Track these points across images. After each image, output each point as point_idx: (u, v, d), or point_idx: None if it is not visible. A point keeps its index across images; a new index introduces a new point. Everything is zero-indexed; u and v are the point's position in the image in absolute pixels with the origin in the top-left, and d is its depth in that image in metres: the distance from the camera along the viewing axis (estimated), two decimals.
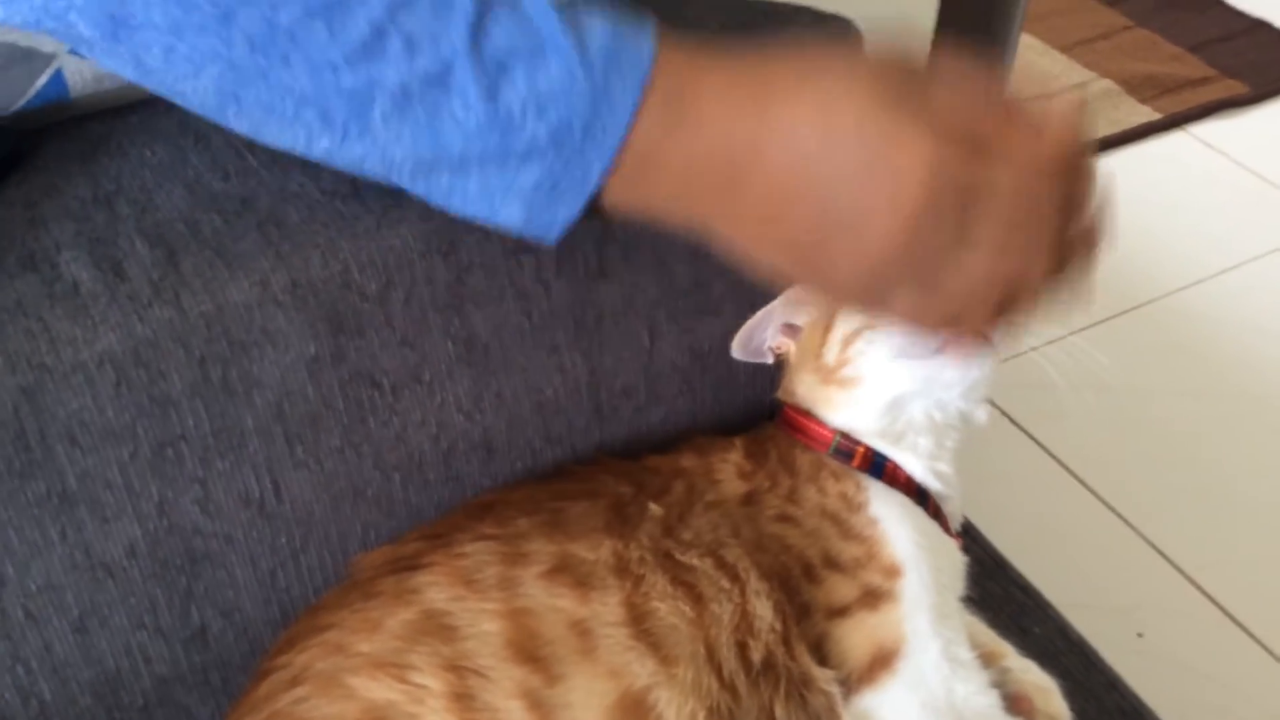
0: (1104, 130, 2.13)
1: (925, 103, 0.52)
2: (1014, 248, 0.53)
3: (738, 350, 0.74)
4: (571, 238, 0.59)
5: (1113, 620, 1.31)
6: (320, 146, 0.54)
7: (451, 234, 0.65)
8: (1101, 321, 1.71)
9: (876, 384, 0.71)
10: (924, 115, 0.51)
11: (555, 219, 0.56)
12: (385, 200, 0.64)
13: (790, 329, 0.75)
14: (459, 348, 0.68)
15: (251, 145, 0.67)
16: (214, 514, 0.65)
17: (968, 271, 0.53)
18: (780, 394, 0.77)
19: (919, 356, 0.69)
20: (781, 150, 0.53)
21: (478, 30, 0.52)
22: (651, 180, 0.55)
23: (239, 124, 0.54)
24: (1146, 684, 1.18)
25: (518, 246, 0.68)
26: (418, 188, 0.56)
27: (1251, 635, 1.31)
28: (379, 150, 0.54)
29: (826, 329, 0.72)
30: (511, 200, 0.55)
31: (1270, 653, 1.29)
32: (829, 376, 0.72)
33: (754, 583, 0.64)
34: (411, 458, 0.69)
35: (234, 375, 0.62)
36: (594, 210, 0.57)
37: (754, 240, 0.56)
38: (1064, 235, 0.55)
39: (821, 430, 0.73)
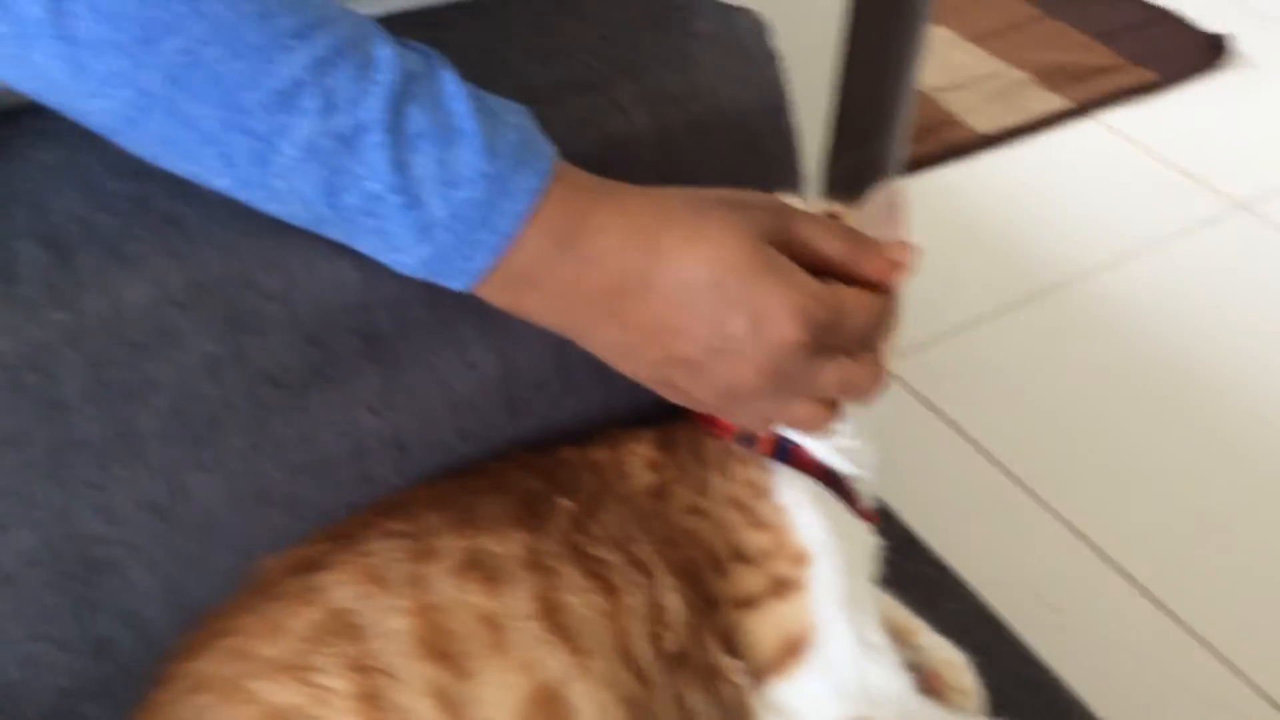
0: (1016, 119, 2.17)
1: (794, 254, 0.61)
2: (851, 379, 0.63)
3: None
4: None
5: (1027, 596, 1.33)
6: (217, 185, 0.55)
7: None
8: (1014, 305, 1.74)
9: None
10: (795, 272, 0.60)
11: (444, 284, 0.59)
12: None
13: None
14: (364, 344, 0.67)
15: None
16: (114, 520, 0.63)
17: (807, 399, 0.63)
18: None
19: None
20: (672, 285, 0.59)
21: (396, 103, 0.54)
22: (531, 291, 0.60)
23: (135, 148, 0.55)
24: (1061, 657, 1.20)
25: None
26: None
27: (1163, 607, 1.34)
28: (274, 199, 0.55)
29: None
30: (399, 266, 0.59)
31: (1181, 623, 1.32)
32: None
33: (663, 576, 0.64)
34: (319, 458, 0.67)
35: (132, 378, 0.61)
36: None
37: (622, 359, 0.63)
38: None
39: (725, 420, 0.73)
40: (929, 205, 1.92)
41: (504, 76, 0.74)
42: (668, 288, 0.59)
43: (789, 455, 0.72)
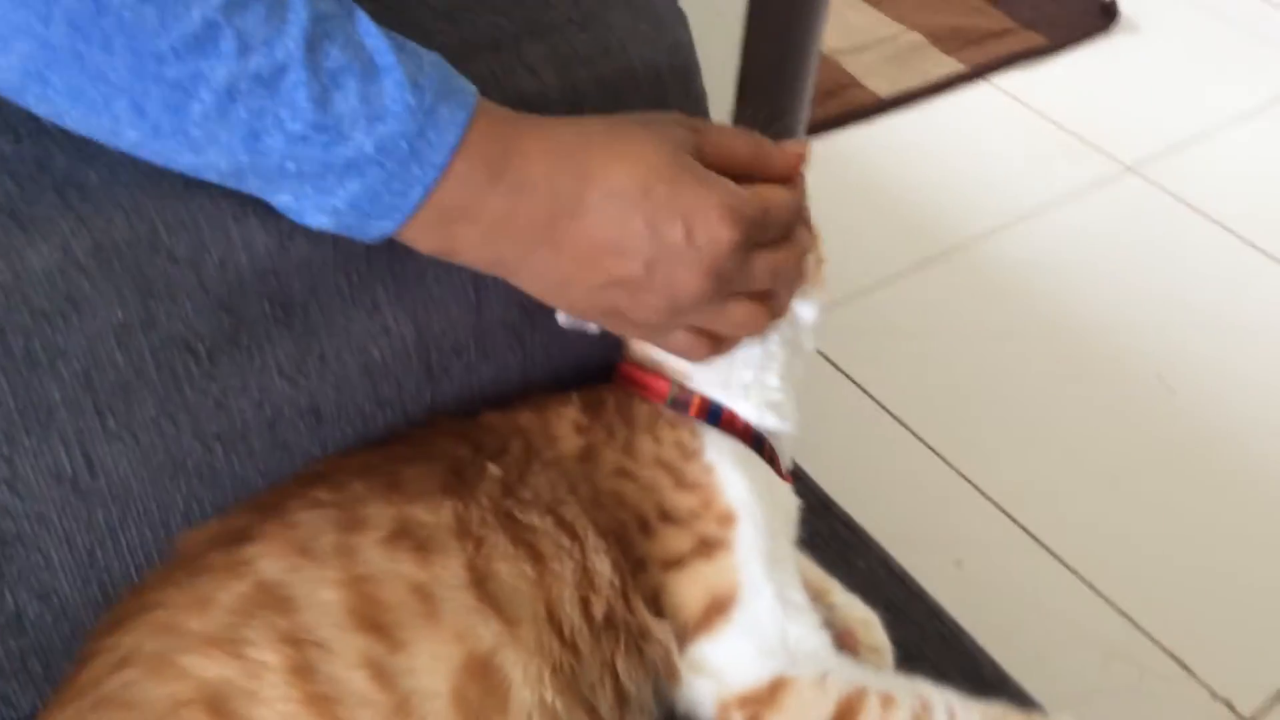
0: (914, 82, 2.20)
1: (708, 163, 0.63)
2: (779, 268, 0.66)
3: (563, 318, 0.73)
4: None
5: (932, 552, 1.36)
6: (127, 139, 0.53)
7: None
8: (914, 267, 1.78)
9: None
10: (717, 176, 0.62)
11: (368, 232, 0.59)
12: None
13: None
14: (276, 309, 0.66)
15: None
16: (23, 493, 0.61)
17: (744, 299, 0.65)
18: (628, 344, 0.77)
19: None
20: (604, 204, 0.60)
21: (312, 40, 0.53)
22: (464, 228, 0.59)
23: (39, 106, 0.52)
24: (965, 611, 1.24)
25: None
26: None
27: (1062, 561, 1.39)
28: (189, 149, 0.54)
29: None
30: (321, 214, 0.57)
31: (1080, 577, 1.37)
32: None
33: (592, 539, 0.64)
34: (234, 427, 0.66)
35: (37, 346, 0.59)
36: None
37: (560, 290, 0.64)
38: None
39: (658, 382, 0.73)
40: (830, 168, 1.95)
41: (410, 34, 0.73)
42: (601, 205, 0.60)
43: (719, 418, 0.73)
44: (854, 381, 1.59)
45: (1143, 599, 1.35)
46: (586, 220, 0.60)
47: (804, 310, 0.74)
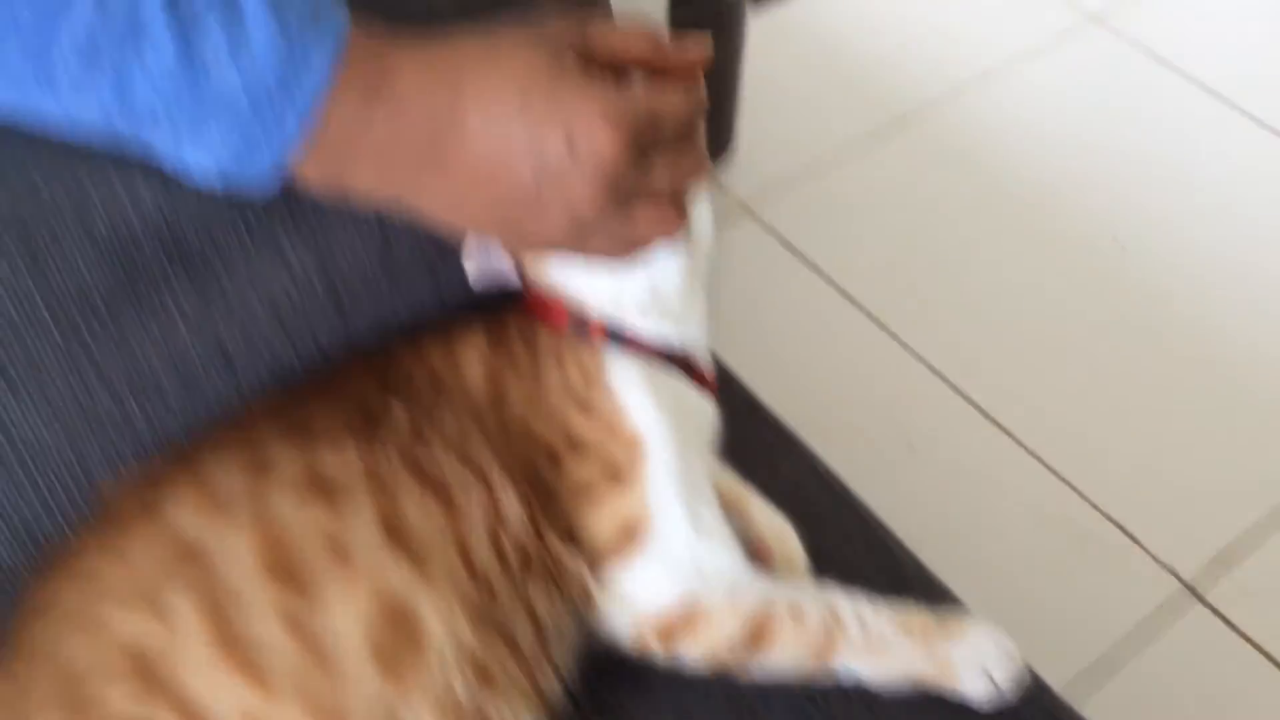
0: None
1: (594, 62, 0.61)
2: (681, 168, 0.64)
3: (473, 273, 0.72)
4: None
5: (885, 434, 1.38)
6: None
7: None
8: (867, 138, 1.75)
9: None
10: (600, 80, 0.60)
11: (250, 176, 0.57)
12: None
13: None
14: (170, 253, 0.65)
15: None
16: None
17: (650, 203, 0.63)
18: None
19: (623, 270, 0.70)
20: (482, 118, 0.58)
21: None
22: (351, 158, 0.58)
23: None
24: (918, 491, 1.27)
25: None
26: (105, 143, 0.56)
27: (1011, 436, 1.40)
28: (53, 99, 0.53)
29: None
30: (199, 156, 0.56)
31: (1034, 455, 1.39)
32: None
33: (498, 475, 0.65)
34: (144, 377, 0.66)
35: None
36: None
37: (457, 211, 0.62)
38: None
39: (558, 307, 0.72)
40: (778, 34, 1.90)
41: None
42: (478, 122, 0.59)
43: (622, 339, 0.72)
44: (805, 259, 1.58)
45: (1089, 468, 1.37)
46: (466, 136, 0.59)
47: (697, 207, 0.72)
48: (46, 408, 0.64)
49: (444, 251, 0.75)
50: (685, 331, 0.75)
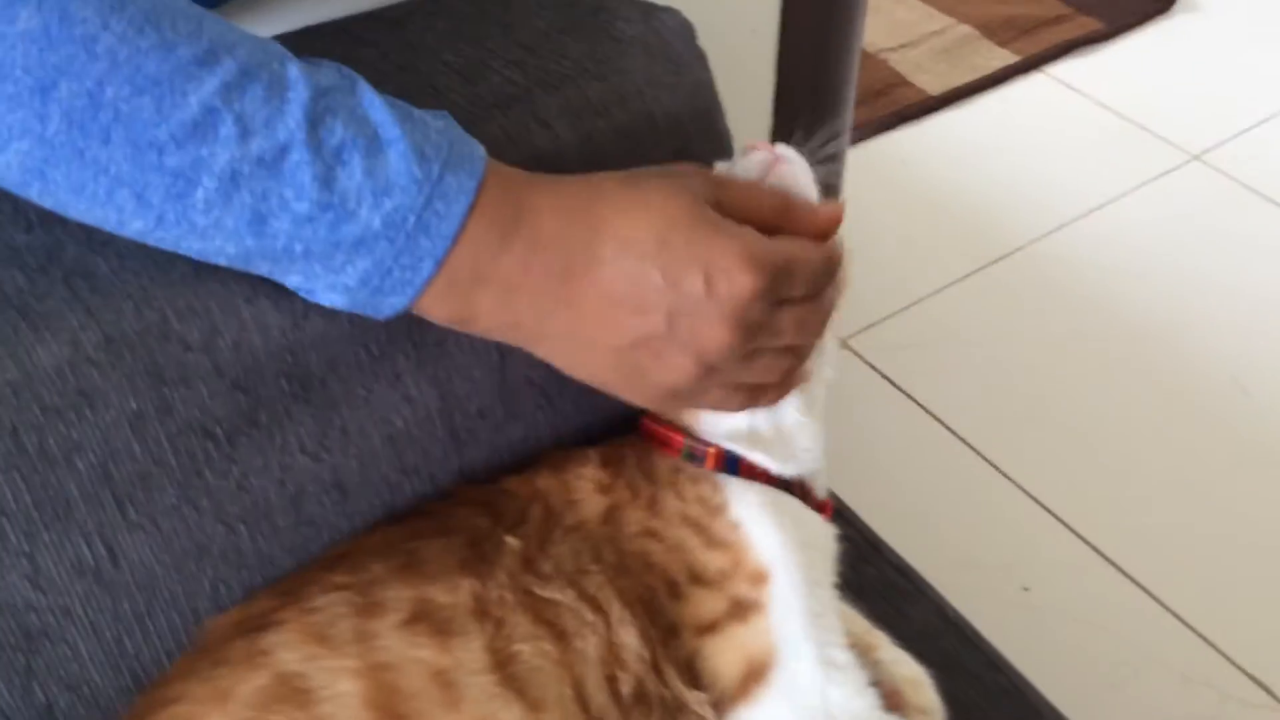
0: (965, 77, 2.15)
1: (734, 215, 0.60)
2: (808, 325, 0.63)
3: None
4: None
5: (998, 577, 1.33)
6: (133, 228, 0.53)
7: None
8: (971, 273, 1.73)
9: None
10: (737, 225, 0.59)
11: (382, 308, 0.57)
12: None
13: None
14: (295, 386, 0.65)
15: None
16: (46, 587, 0.61)
17: (773, 354, 0.62)
18: None
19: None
20: (618, 256, 0.58)
21: (313, 118, 0.52)
22: (478, 294, 0.58)
23: (44, 200, 0.52)
24: (1033, 639, 1.20)
25: None
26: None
27: (1134, 581, 1.34)
28: (195, 236, 0.53)
29: None
30: (333, 293, 0.57)
31: (1154, 597, 1.32)
32: None
33: (617, 610, 0.63)
34: (257, 507, 0.65)
35: (51, 442, 0.58)
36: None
37: (579, 354, 0.61)
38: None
39: (672, 435, 0.71)
40: (880, 172, 1.91)
41: (423, 94, 0.72)
42: (616, 258, 0.58)
43: (738, 468, 0.70)
44: (910, 396, 1.55)
45: (1221, 619, 1.30)
46: (602, 274, 0.58)
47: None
48: (158, 537, 0.63)
49: (561, 380, 0.74)
50: (803, 463, 0.73)
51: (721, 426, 0.70)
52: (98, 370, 0.59)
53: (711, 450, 0.70)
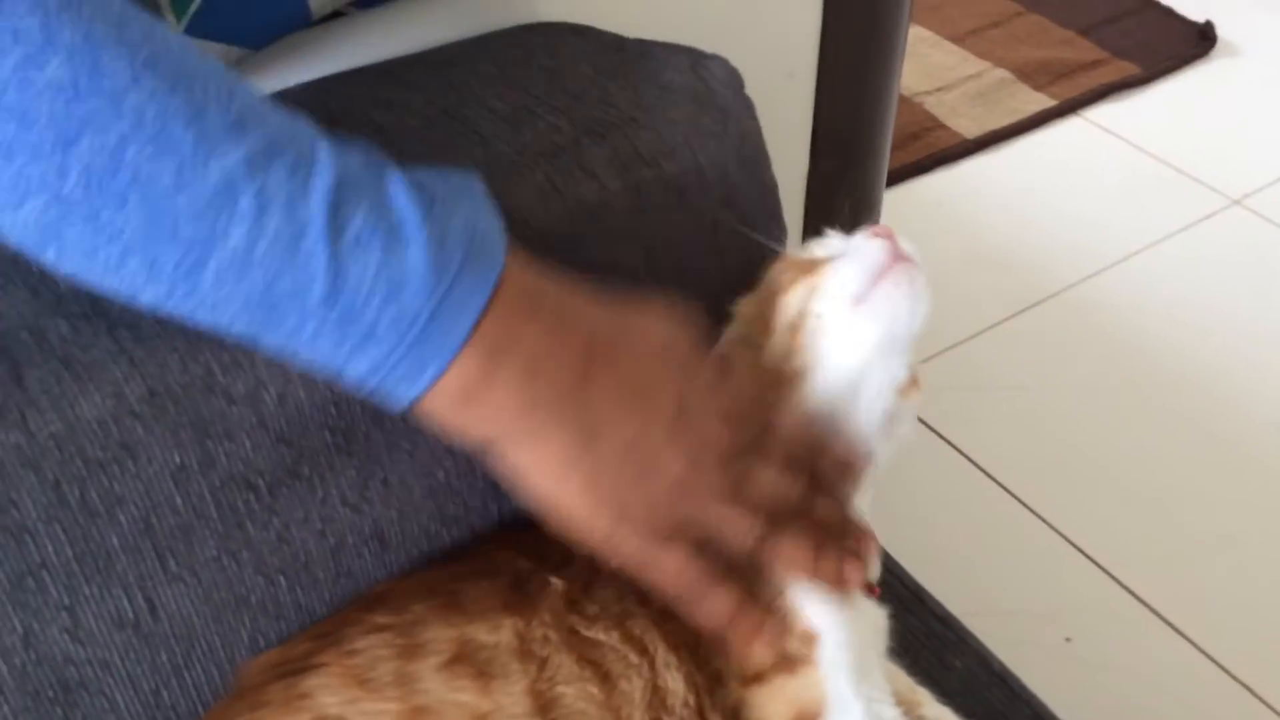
0: (1001, 121, 2.14)
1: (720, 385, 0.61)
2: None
3: None
4: None
5: (1040, 626, 1.31)
6: (145, 298, 0.50)
7: None
8: (1010, 317, 1.72)
9: (835, 357, 0.65)
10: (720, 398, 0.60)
11: (391, 401, 0.54)
12: None
13: None
14: (338, 438, 0.64)
15: None
16: (85, 640, 0.60)
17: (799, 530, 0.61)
18: None
19: (867, 288, 0.65)
20: (636, 338, 0.59)
21: (337, 201, 0.50)
22: (472, 408, 0.55)
23: (60, 265, 0.49)
24: (1076, 689, 1.18)
25: None
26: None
27: (1179, 631, 1.32)
28: (204, 310, 0.51)
29: (764, 329, 0.67)
30: (340, 375, 0.54)
31: (1198, 648, 1.30)
32: (773, 377, 0.67)
33: (663, 654, 0.62)
34: (296, 558, 0.65)
35: (93, 495, 0.58)
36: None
37: (561, 469, 0.57)
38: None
39: None
40: (917, 216, 1.90)
41: (467, 142, 0.72)
42: (634, 340, 0.59)
43: None
44: (949, 443, 1.53)
45: (1270, 674, 1.27)
46: (621, 355, 0.58)
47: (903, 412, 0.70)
48: (199, 591, 0.63)
49: None
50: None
51: None
52: (141, 423, 0.58)
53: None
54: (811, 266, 0.67)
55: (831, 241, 0.70)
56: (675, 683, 0.61)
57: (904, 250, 0.67)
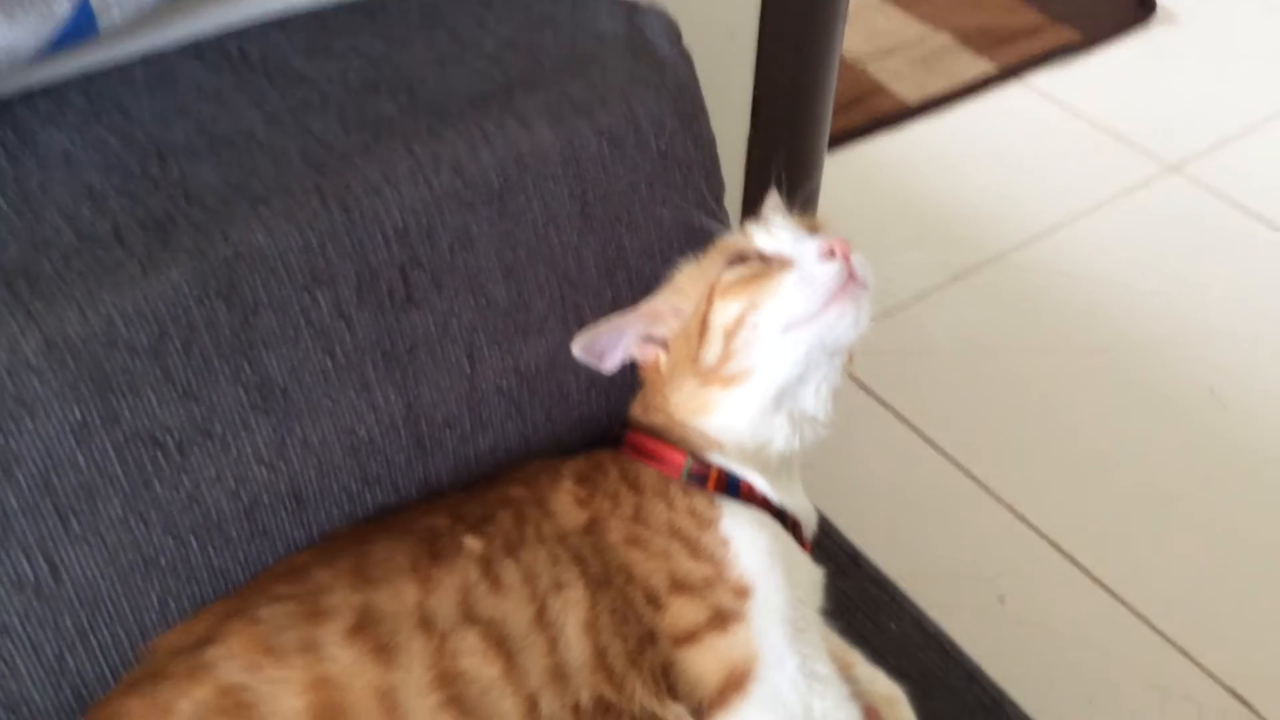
0: (943, 86, 2.13)
1: None
2: None
3: (578, 349, 0.70)
4: (373, 266, 0.56)
5: (975, 588, 1.31)
6: None
7: (230, 273, 0.59)
8: (948, 282, 1.72)
9: (768, 369, 0.67)
10: None
11: None
12: (151, 242, 0.58)
13: (651, 341, 0.71)
14: (253, 395, 0.62)
15: (1, 188, 0.60)
16: None
17: None
18: (638, 410, 0.73)
19: (811, 315, 0.65)
20: None
21: None
22: None
23: None
24: (1010, 649, 1.18)
25: (310, 281, 0.62)
26: None
27: (1111, 591, 1.32)
28: None
29: (702, 329, 0.68)
30: None
31: (1130, 608, 1.31)
32: (712, 376, 0.68)
33: (571, 627, 0.60)
34: (208, 518, 0.62)
35: None
36: None
37: None
38: None
39: (673, 454, 0.69)
40: (857, 180, 1.89)
41: (398, 89, 0.69)
42: None
43: (738, 490, 0.68)
44: (887, 406, 1.53)
45: (1199, 632, 1.28)
46: None
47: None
48: (104, 553, 0.60)
49: (531, 389, 0.71)
50: (794, 500, 0.72)
51: (754, 423, 0.69)
52: (38, 377, 0.55)
53: (714, 471, 0.68)
54: (755, 276, 0.66)
55: (781, 234, 0.69)
56: (579, 655, 0.60)
57: (856, 271, 0.66)
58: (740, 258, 0.68)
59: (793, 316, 0.65)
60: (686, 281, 0.71)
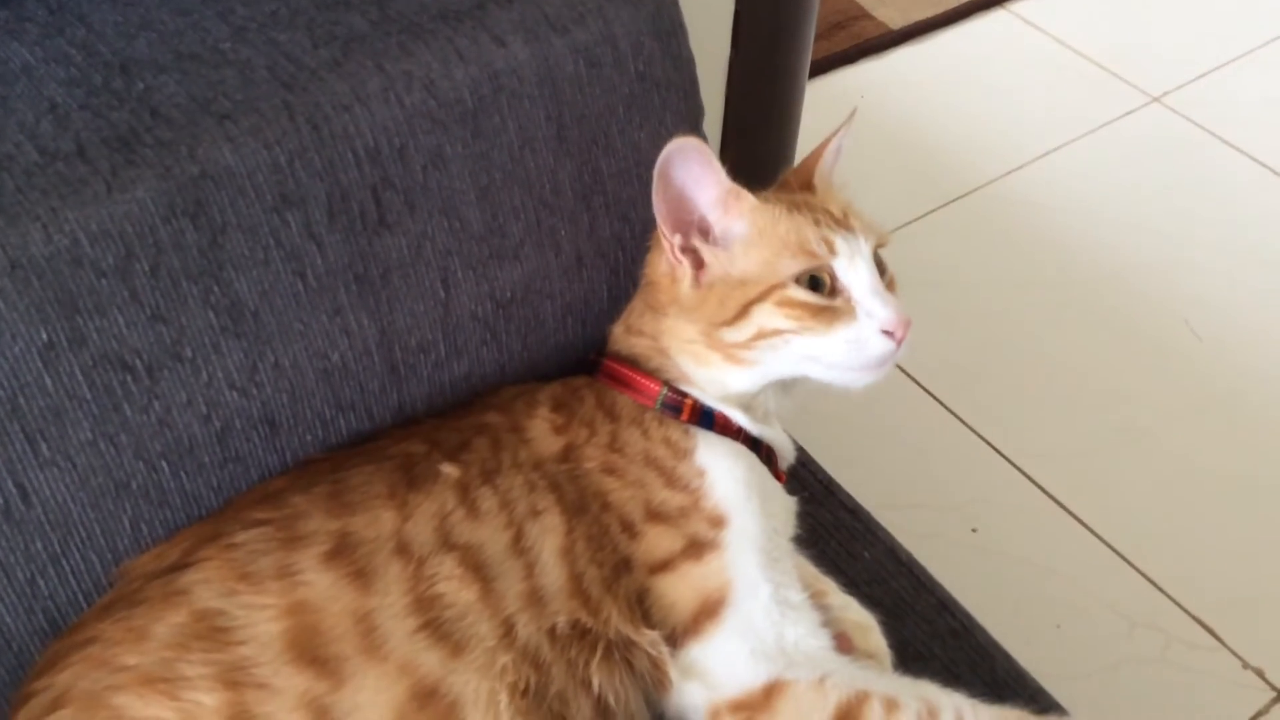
0: (926, 12, 2.11)
1: None
2: None
3: (680, 149, 0.64)
4: (344, 187, 0.55)
5: (947, 518, 1.32)
6: None
7: (197, 192, 0.58)
8: (928, 213, 1.71)
9: (775, 368, 0.68)
10: None
11: None
12: (115, 159, 0.57)
13: (694, 254, 0.67)
14: (223, 318, 0.61)
15: None
16: None
17: None
18: (619, 330, 0.72)
19: (843, 369, 0.68)
20: None
21: None
22: None
23: None
24: (981, 578, 1.20)
25: (280, 202, 0.60)
26: None
27: (1081, 522, 1.34)
28: None
29: (741, 312, 0.66)
30: None
31: (1101, 540, 1.32)
32: (720, 346, 0.67)
33: (548, 552, 0.61)
34: (180, 442, 0.62)
35: None
36: None
37: None
38: None
39: (648, 383, 0.68)
40: (838, 107, 1.86)
41: (368, 2, 0.67)
42: None
43: (713, 422, 0.68)
44: None
45: (1167, 562, 1.30)
46: None
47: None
48: (73, 474, 0.59)
49: (507, 316, 0.71)
50: (772, 432, 0.72)
51: (713, 387, 0.69)
52: (3, 298, 0.54)
53: (689, 402, 0.68)
54: (819, 311, 0.66)
55: (861, 274, 0.68)
56: (555, 581, 0.60)
57: (900, 347, 0.69)
58: (814, 278, 0.66)
59: (828, 361, 0.67)
60: (757, 235, 0.67)
